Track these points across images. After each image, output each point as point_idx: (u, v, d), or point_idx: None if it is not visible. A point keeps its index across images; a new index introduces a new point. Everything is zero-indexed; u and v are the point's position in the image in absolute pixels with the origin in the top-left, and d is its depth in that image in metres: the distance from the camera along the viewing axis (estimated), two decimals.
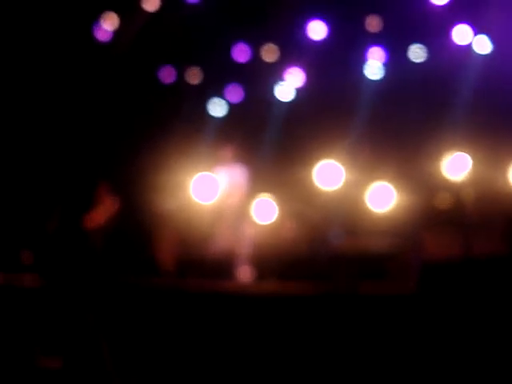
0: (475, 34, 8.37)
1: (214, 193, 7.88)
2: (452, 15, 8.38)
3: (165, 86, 9.48)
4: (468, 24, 8.42)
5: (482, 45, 8.32)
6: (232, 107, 9.56)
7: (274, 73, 9.18)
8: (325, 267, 6.82)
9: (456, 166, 7.24)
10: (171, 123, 9.40)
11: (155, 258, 8.38)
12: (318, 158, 7.66)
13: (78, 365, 6.00)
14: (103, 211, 8.28)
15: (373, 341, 5.38)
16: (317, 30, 9.02)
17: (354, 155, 7.92)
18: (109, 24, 8.90)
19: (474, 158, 7.15)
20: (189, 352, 5.99)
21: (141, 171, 8.91)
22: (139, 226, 9.00)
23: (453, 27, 8.44)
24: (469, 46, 8.40)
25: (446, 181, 7.35)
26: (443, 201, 7.40)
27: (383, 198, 7.42)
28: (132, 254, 8.49)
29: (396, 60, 8.82)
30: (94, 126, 9.20)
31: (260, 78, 9.22)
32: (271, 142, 9.26)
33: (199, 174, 7.99)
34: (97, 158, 9.16)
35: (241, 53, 9.28)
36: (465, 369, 4.86)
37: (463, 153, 7.21)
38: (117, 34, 8.89)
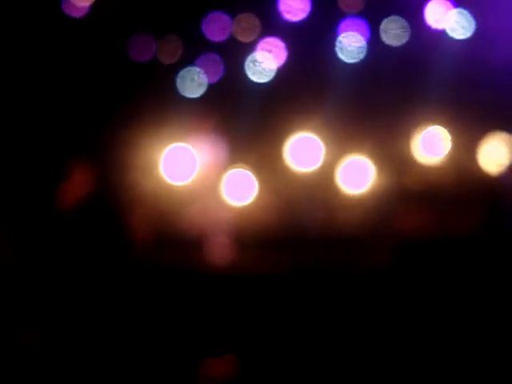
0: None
1: (190, 170, 7.78)
2: None
3: (137, 64, 9.37)
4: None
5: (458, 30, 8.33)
6: (208, 86, 9.49)
7: (251, 51, 9.12)
8: (299, 249, 6.81)
9: (431, 143, 7.26)
10: (144, 103, 9.31)
11: (130, 237, 8.31)
12: (293, 135, 7.64)
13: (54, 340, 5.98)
14: (74, 190, 8.19)
15: (347, 318, 5.39)
16: (296, 10, 8.97)
17: (329, 133, 7.90)
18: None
19: (449, 136, 7.18)
20: (162, 330, 5.98)
21: (113, 150, 8.81)
22: (112, 208, 8.92)
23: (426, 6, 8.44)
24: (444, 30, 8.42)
25: (421, 159, 7.36)
26: (418, 179, 7.41)
27: (358, 178, 7.41)
28: (105, 234, 8.42)
29: (373, 39, 8.80)
30: (65, 104, 9.09)
31: (237, 56, 9.16)
32: (246, 123, 9.21)
33: (171, 147, 7.84)
34: (68, 136, 9.05)
35: (216, 30, 9.22)
36: (438, 348, 4.89)
37: (438, 131, 7.23)
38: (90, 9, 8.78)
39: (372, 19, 8.78)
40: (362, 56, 8.87)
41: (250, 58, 9.28)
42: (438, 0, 8.40)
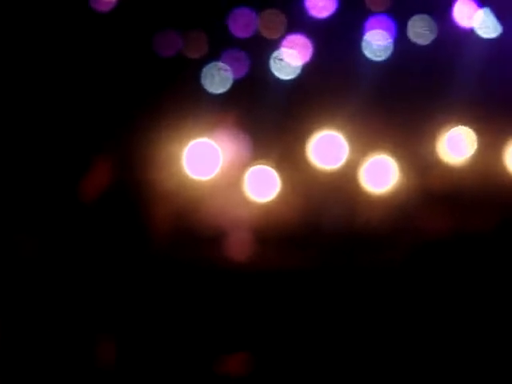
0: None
1: (213, 166, 7.75)
2: None
3: (162, 59, 9.39)
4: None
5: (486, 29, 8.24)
6: (233, 82, 9.48)
7: (276, 48, 9.10)
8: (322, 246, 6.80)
9: (455, 145, 7.19)
10: (167, 98, 9.32)
11: (149, 233, 8.33)
12: (317, 133, 7.61)
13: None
14: (97, 186, 8.23)
15: (365, 315, 5.37)
16: (322, 7, 8.93)
17: (354, 131, 7.86)
18: None
19: (475, 137, 7.11)
20: (179, 325, 5.99)
21: (137, 144, 8.84)
22: (133, 203, 8.95)
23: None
24: (472, 29, 8.32)
25: (443, 160, 7.30)
26: (440, 180, 7.35)
27: (381, 177, 7.36)
28: (127, 228, 8.45)
29: (399, 39, 8.74)
30: (88, 101, 9.13)
31: (262, 53, 9.14)
32: (269, 120, 9.19)
33: (195, 142, 7.82)
34: (91, 132, 9.10)
35: (241, 26, 9.20)
36: (453, 346, 4.86)
37: (462, 132, 7.16)
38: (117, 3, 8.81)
39: (399, 17, 8.73)
40: (387, 54, 8.82)
41: (274, 55, 9.28)
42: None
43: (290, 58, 9.20)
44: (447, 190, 7.16)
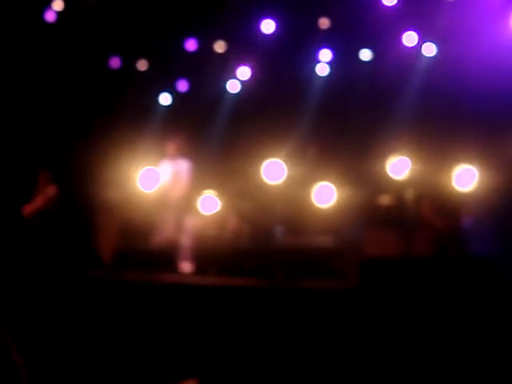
0: (422, 38, 8.51)
1: (155, 183, 7.84)
2: (401, 18, 8.49)
3: (112, 73, 9.34)
4: (415, 28, 8.55)
5: (429, 48, 8.46)
6: (179, 97, 9.49)
7: (223, 66, 9.14)
8: (265, 262, 6.81)
9: (399, 166, 7.32)
10: (117, 111, 9.27)
11: (95, 249, 8.25)
12: (262, 154, 7.66)
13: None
14: (43, 200, 8.09)
15: (312, 334, 5.39)
16: (267, 26, 9.01)
17: (300, 152, 7.95)
18: (57, 5, 8.71)
19: (417, 160, 7.24)
20: (129, 343, 5.91)
21: (83, 160, 8.76)
22: (80, 216, 8.86)
23: (401, 31, 8.56)
24: (416, 49, 8.53)
25: (389, 180, 7.42)
26: (385, 200, 7.48)
27: (326, 196, 7.47)
28: (72, 245, 8.35)
29: (344, 60, 8.88)
30: (37, 113, 9.00)
31: (209, 70, 9.17)
32: (217, 134, 9.23)
33: (142, 165, 7.94)
34: (37, 145, 8.96)
35: (190, 44, 9.22)
36: (405, 360, 4.91)
37: (406, 154, 7.29)
38: (64, 15, 8.72)
39: (343, 40, 8.87)
40: (332, 73, 8.96)
41: (222, 73, 9.33)
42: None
43: (237, 76, 9.27)
44: (391, 210, 7.29)
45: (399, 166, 7.32)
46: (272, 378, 5.03)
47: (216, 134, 9.05)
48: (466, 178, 7.14)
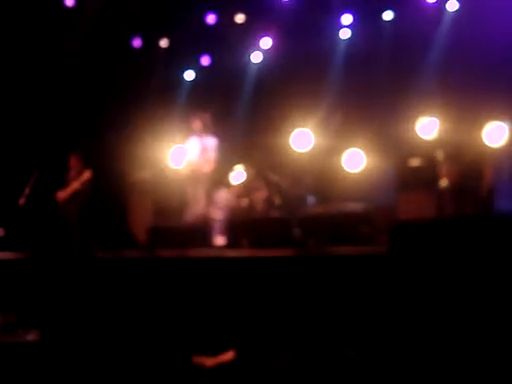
0: None
1: (183, 159, 7.88)
2: None
3: (136, 53, 9.37)
4: None
5: (451, 2, 8.29)
6: (203, 73, 9.48)
7: (245, 37, 9.09)
8: (297, 231, 6.81)
9: (428, 127, 7.22)
10: (143, 91, 9.32)
11: (129, 228, 8.36)
12: (289, 124, 7.62)
13: (55, 337, 5.99)
14: (76, 183, 8.22)
15: (345, 301, 5.38)
16: None
17: (326, 120, 7.90)
18: None
19: (446, 120, 7.12)
20: (166, 322, 5.98)
21: (113, 142, 8.86)
22: (113, 197, 8.98)
23: None
24: (439, 4, 8.36)
25: (418, 142, 7.33)
26: (416, 162, 7.38)
27: (355, 162, 7.42)
28: (106, 225, 8.47)
29: (366, 22, 8.76)
30: (66, 98, 9.10)
31: (230, 42, 9.13)
32: (243, 106, 9.21)
33: (172, 143, 7.99)
34: (68, 129, 9.07)
35: (210, 18, 9.19)
36: (436, 328, 4.88)
37: (435, 114, 7.18)
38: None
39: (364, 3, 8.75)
40: (354, 37, 8.85)
41: (245, 45, 9.27)
42: None
43: (260, 48, 9.20)
44: (422, 173, 7.21)
45: (428, 127, 7.22)
46: (306, 346, 5.03)
47: (242, 106, 9.04)
48: (496, 134, 7.01)
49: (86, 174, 8.14)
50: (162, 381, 5.21)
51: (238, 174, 7.79)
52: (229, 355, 5.33)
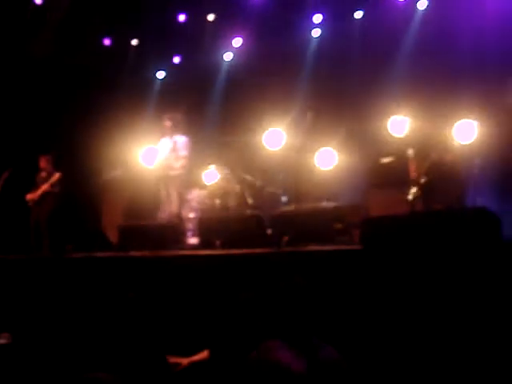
0: None
1: (154, 159, 7.84)
2: None
3: (106, 52, 9.31)
4: None
5: (421, 1, 8.36)
6: (174, 71, 9.44)
7: (216, 37, 9.08)
8: (269, 230, 6.80)
9: (399, 125, 7.26)
10: (114, 91, 9.26)
11: (101, 228, 8.30)
12: (261, 123, 7.62)
13: (26, 340, 5.92)
14: (46, 184, 8.15)
15: (319, 298, 5.39)
16: None
17: (298, 119, 7.91)
18: None
19: (416, 118, 7.16)
20: (138, 322, 5.94)
21: (84, 142, 8.79)
22: (84, 197, 8.91)
23: None
24: (408, 3, 8.42)
25: (389, 140, 7.37)
26: (387, 160, 7.43)
27: (327, 160, 7.44)
28: (78, 225, 8.40)
29: (336, 20, 8.79)
30: (35, 98, 9.00)
31: (202, 41, 9.12)
32: (215, 105, 9.20)
33: (143, 143, 7.94)
34: (38, 129, 8.98)
35: (181, 17, 9.16)
36: (408, 321, 4.91)
37: (406, 112, 7.22)
38: None
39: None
40: (325, 33, 8.86)
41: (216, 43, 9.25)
42: None
43: (231, 46, 9.19)
44: (394, 170, 7.24)
45: (399, 125, 7.26)
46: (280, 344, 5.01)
47: (213, 105, 9.02)
48: (465, 132, 7.07)
49: (56, 176, 8.09)
50: (136, 381, 5.17)
51: (211, 174, 7.77)
52: (203, 355, 5.30)
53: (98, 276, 6.32)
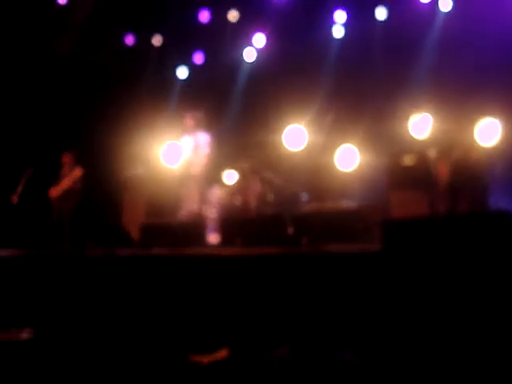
0: None
1: (177, 157, 7.86)
2: None
3: (129, 50, 9.35)
4: None
5: (445, 3, 8.30)
6: (196, 70, 9.46)
7: (238, 35, 9.09)
8: (290, 229, 6.81)
9: (421, 125, 7.24)
10: (136, 89, 9.30)
11: (122, 226, 8.34)
12: (282, 122, 7.63)
13: (48, 336, 5.98)
14: (69, 181, 8.22)
15: (338, 299, 5.39)
16: None
17: (320, 118, 7.90)
18: None
19: (439, 118, 7.14)
20: (159, 320, 5.97)
21: (106, 139, 8.85)
22: (105, 194, 8.97)
23: None
24: (431, 4, 8.37)
25: (411, 140, 7.34)
26: (409, 160, 7.40)
27: (348, 160, 7.43)
28: (99, 222, 8.46)
29: (360, 20, 8.76)
30: (59, 95, 9.08)
31: (224, 40, 9.13)
32: (236, 104, 9.21)
33: (164, 141, 7.97)
34: (61, 127, 9.06)
35: (204, 15, 9.18)
36: (428, 325, 4.89)
37: (427, 112, 7.20)
38: None
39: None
40: (348, 34, 8.84)
41: (238, 42, 9.25)
42: None
43: (253, 45, 9.19)
44: (415, 171, 7.21)
45: (421, 125, 7.24)
46: (301, 345, 5.04)
47: (235, 103, 9.03)
48: (489, 132, 7.03)
49: (77, 171, 8.14)
50: (158, 380, 5.21)
51: (232, 173, 7.80)
52: (222, 353, 5.33)
53: (119, 273, 6.36)
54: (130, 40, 9.47)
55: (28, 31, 8.66)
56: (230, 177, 7.76)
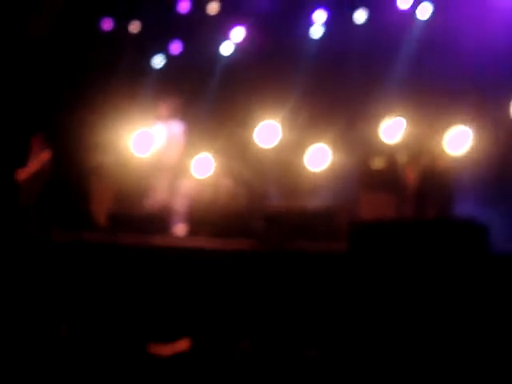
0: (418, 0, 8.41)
1: (148, 146, 7.81)
2: None
3: (104, 37, 9.26)
4: None
5: (424, 10, 8.37)
6: (172, 60, 9.40)
7: (216, 28, 9.05)
8: (259, 225, 6.82)
9: (392, 129, 7.30)
10: (110, 74, 9.21)
11: (89, 212, 8.27)
12: (256, 117, 7.62)
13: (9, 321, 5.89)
14: (36, 164, 8.08)
15: (301, 299, 5.41)
16: None
17: (293, 115, 7.92)
18: None
19: (411, 122, 7.20)
20: (123, 307, 5.94)
21: (77, 124, 8.75)
22: (74, 180, 8.88)
23: None
24: (411, 11, 8.44)
25: (382, 143, 7.40)
26: (378, 163, 7.46)
27: (319, 159, 7.46)
28: (66, 208, 8.37)
29: (339, 21, 8.79)
30: (29, 78, 8.95)
31: (202, 32, 9.08)
32: (211, 96, 9.18)
33: (136, 128, 7.89)
34: (30, 109, 8.93)
35: (183, 5, 9.12)
36: (391, 325, 4.93)
37: (400, 117, 7.26)
38: None
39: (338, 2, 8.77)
40: (326, 35, 8.86)
41: (215, 35, 9.21)
42: None
43: (230, 39, 9.16)
44: (385, 173, 7.27)
45: (392, 129, 7.30)
46: (263, 340, 5.05)
47: (210, 96, 8.99)
48: (460, 139, 7.11)
49: (45, 154, 8.04)
50: (116, 369, 5.18)
51: (202, 164, 7.75)
52: (183, 343, 5.32)
53: (84, 260, 6.31)
54: (107, 25, 9.37)
55: (0, 11, 8.51)
56: (200, 168, 7.72)
